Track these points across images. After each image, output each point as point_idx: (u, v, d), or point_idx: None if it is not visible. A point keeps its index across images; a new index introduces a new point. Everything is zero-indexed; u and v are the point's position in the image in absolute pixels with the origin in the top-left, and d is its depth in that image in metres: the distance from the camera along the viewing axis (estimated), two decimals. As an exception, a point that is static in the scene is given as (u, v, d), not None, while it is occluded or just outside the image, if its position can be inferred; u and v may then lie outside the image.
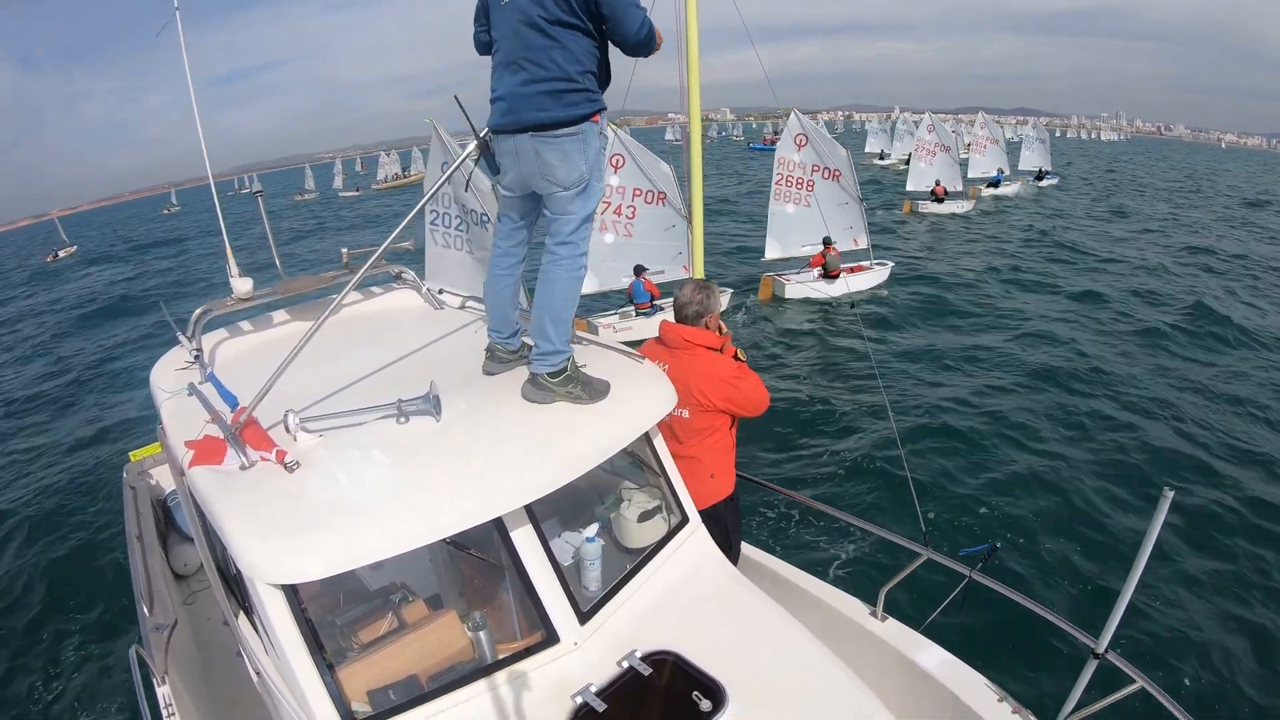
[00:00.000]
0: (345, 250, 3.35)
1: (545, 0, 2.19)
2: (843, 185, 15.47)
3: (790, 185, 15.37)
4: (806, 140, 15.11)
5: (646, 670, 2.19)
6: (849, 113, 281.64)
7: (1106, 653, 2.15)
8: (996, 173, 31.83)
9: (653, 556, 2.65)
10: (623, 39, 2.32)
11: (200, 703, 3.13)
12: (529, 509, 2.27)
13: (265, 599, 2.00)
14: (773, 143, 69.40)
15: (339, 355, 2.92)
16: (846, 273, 15.37)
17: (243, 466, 2.13)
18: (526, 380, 2.50)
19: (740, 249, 21.00)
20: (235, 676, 3.15)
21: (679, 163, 11.62)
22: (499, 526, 2.23)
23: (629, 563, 2.63)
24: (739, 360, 3.14)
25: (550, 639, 2.25)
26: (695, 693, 2.10)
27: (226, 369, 2.98)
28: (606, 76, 2.42)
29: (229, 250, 3.20)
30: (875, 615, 2.96)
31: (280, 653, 2.02)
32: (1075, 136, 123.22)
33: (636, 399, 2.58)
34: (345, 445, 2.21)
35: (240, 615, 2.51)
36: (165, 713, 2.80)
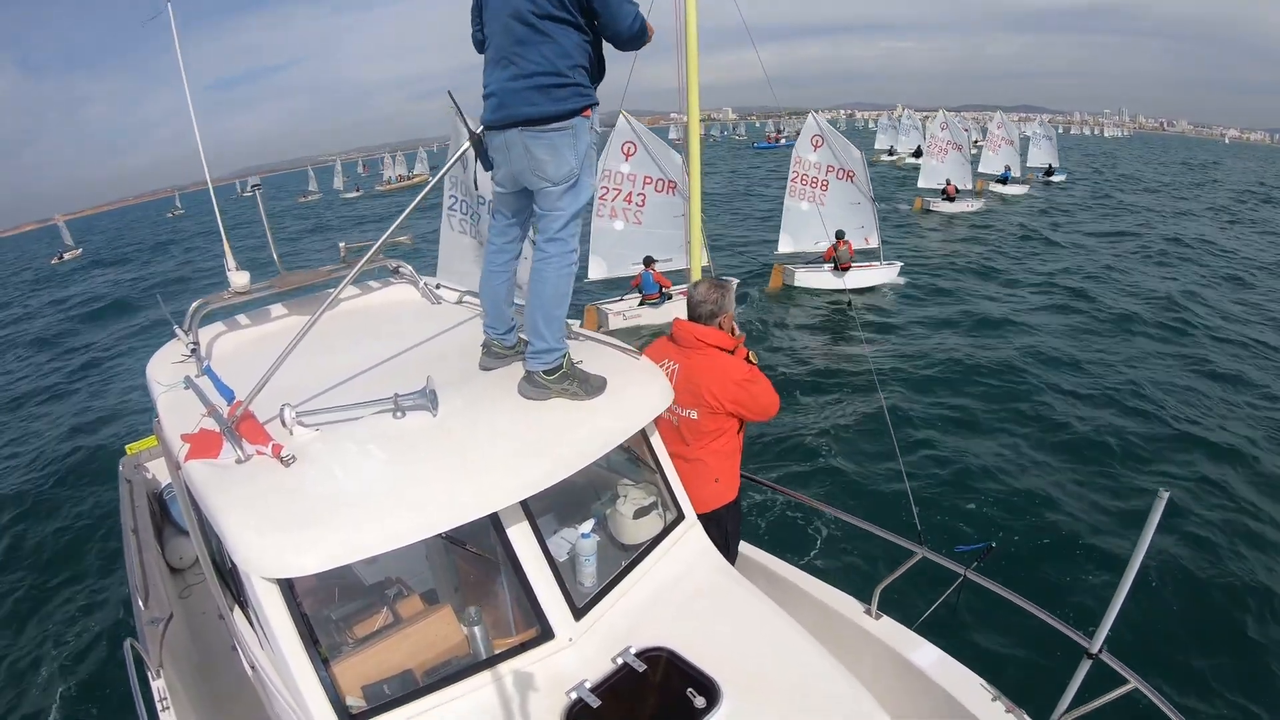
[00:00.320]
0: (343, 245, 3.34)
1: None
2: (856, 185, 15.67)
3: (805, 184, 15.64)
4: (823, 141, 15.38)
5: (641, 667, 2.19)
6: (851, 111, 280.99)
7: (1100, 652, 2.15)
8: (1004, 170, 31.67)
9: (648, 553, 2.65)
10: (615, 33, 2.31)
11: (195, 696, 3.13)
12: (525, 505, 2.27)
13: (260, 593, 1.99)
14: (776, 140, 70.15)
15: (336, 349, 2.92)
16: (857, 268, 15.64)
17: (239, 460, 2.13)
18: (523, 378, 2.49)
19: (742, 241, 21.02)
20: (230, 670, 3.15)
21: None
22: (495, 522, 2.23)
23: (624, 559, 2.63)
24: (751, 362, 3.09)
25: (545, 635, 2.25)
26: (690, 689, 2.10)
27: (223, 363, 2.98)
28: (600, 71, 2.41)
29: (226, 244, 3.20)
30: (870, 613, 2.96)
31: (275, 647, 2.02)
32: (1078, 133, 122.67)
33: (633, 395, 2.58)
34: (341, 439, 2.21)
35: (235, 609, 2.51)
36: (160, 706, 2.81)
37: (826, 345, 12.31)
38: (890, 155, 49.27)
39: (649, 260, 13.28)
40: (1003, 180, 31.34)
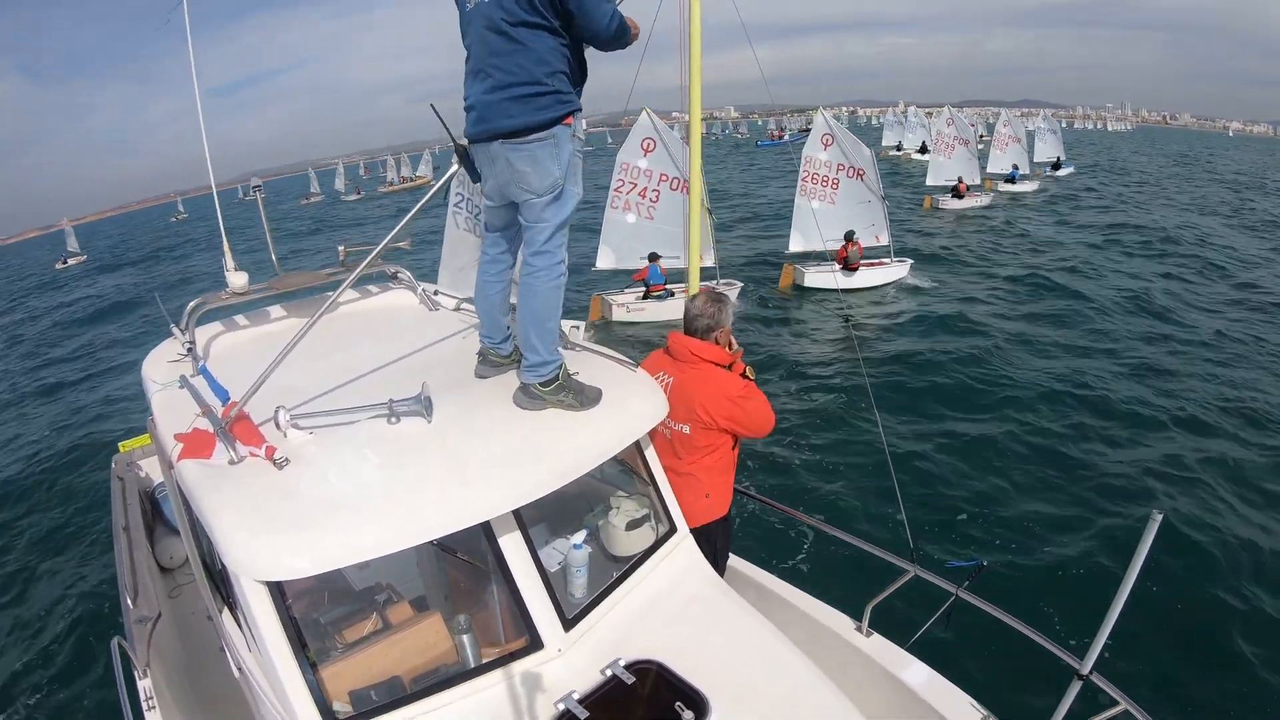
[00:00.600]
0: (342, 248, 3.34)
1: (507, 2, 2.14)
2: (866, 184, 15.72)
3: (816, 183, 15.71)
4: (833, 140, 15.45)
5: (630, 679, 2.18)
6: (854, 109, 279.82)
7: (1091, 674, 2.15)
8: (1012, 169, 31.33)
9: (639, 565, 2.65)
10: (593, 35, 2.27)
11: (181, 697, 3.11)
12: (517, 514, 2.27)
13: (250, 595, 1.99)
14: (778, 138, 70.61)
15: (332, 353, 2.92)
16: (866, 267, 15.64)
17: (232, 461, 2.12)
18: (518, 388, 2.49)
19: (746, 240, 21.01)
20: (218, 672, 3.13)
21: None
22: (487, 530, 2.23)
23: (616, 571, 2.62)
24: (747, 379, 3.05)
25: (534, 645, 2.24)
26: (678, 703, 2.09)
27: (219, 363, 2.98)
28: (581, 74, 2.38)
29: (226, 245, 3.20)
30: (861, 630, 2.95)
31: (263, 649, 2.02)
32: (1081, 127, 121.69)
33: (628, 408, 2.58)
34: (335, 443, 2.21)
35: (224, 610, 2.50)
36: (145, 705, 2.79)
37: (826, 354, 12.13)
38: (898, 150, 49.22)
39: (654, 256, 13.52)
40: (1011, 179, 30.96)
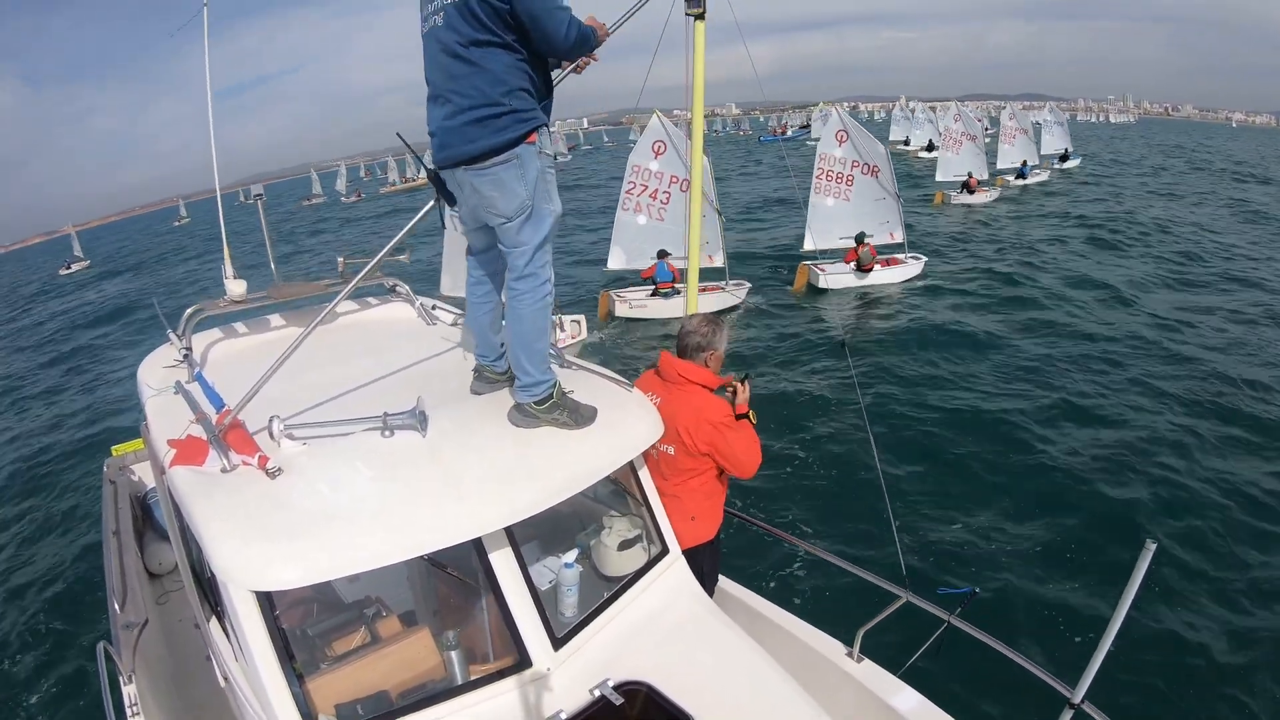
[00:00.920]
0: (341, 259, 3.34)
1: (457, 23, 2.10)
2: (880, 181, 15.67)
3: (830, 180, 15.66)
4: (847, 136, 15.43)
5: (618, 700, 2.17)
6: (854, 103, 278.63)
7: (1083, 702, 2.14)
8: (1022, 165, 31.02)
9: (631, 585, 2.63)
10: (551, 47, 2.23)
11: (166, 704, 3.08)
12: (509, 531, 2.26)
13: (238, 604, 1.98)
14: (781, 133, 70.40)
15: (328, 364, 2.92)
16: (881, 265, 15.56)
17: (224, 469, 2.12)
18: (513, 407, 2.49)
19: (749, 238, 21.01)
20: (203, 680, 3.10)
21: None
22: (478, 547, 2.22)
23: (606, 590, 2.61)
24: (748, 419, 3.01)
25: (523, 663, 2.23)
26: None
27: (215, 370, 2.98)
28: (546, 89, 2.35)
29: (227, 251, 3.22)
30: (852, 656, 2.92)
31: (249, 659, 2.00)
32: (1084, 120, 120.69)
33: (623, 427, 2.58)
34: (328, 455, 2.21)
35: (212, 619, 2.49)
36: (130, 712, 2.76)
37: (825, 368, 11.87)
38: (906, 145, 48.60)
39: (663, 253, 13.72)
40: (1021, 175, 30.65)
